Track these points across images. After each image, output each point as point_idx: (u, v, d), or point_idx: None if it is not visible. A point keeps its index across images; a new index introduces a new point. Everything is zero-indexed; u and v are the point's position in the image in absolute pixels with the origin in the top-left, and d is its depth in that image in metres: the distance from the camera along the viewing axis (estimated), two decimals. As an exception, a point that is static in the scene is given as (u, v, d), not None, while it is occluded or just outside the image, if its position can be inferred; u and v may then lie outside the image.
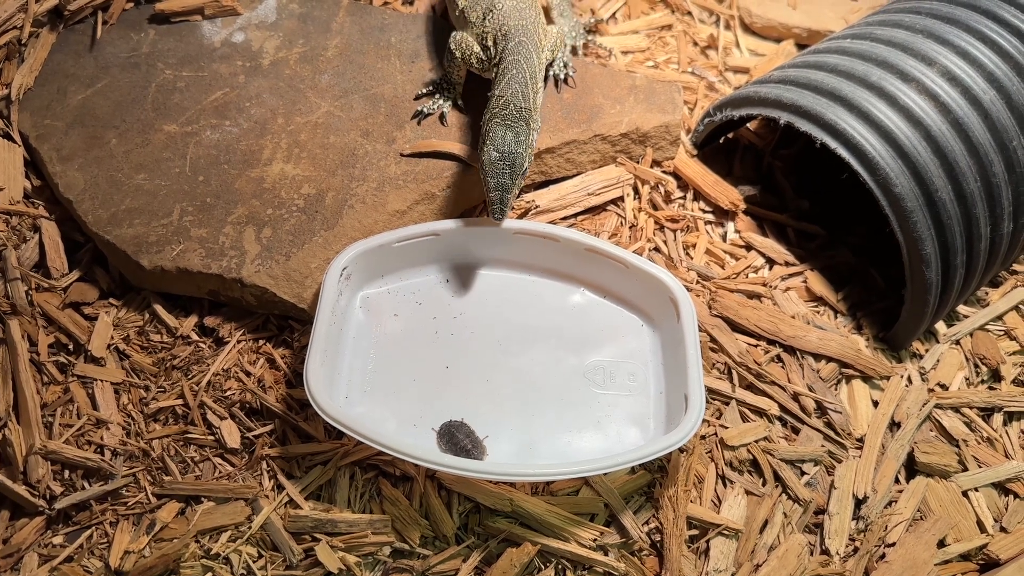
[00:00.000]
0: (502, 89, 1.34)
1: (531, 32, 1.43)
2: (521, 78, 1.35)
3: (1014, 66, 1.40)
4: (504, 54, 1.40)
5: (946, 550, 1.27)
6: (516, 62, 1.37)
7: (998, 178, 1.38)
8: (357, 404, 1.28)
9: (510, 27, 1.43)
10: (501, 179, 1.29)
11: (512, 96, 1.33)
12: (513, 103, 1.32)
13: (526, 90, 1.34)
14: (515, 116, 1.32)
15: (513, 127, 1.31)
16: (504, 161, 1.29)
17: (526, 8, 1.48)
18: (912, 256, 1.37)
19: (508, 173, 1.29)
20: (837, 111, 1.40)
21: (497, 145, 1.30)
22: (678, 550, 1.22)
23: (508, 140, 1.30)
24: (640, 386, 1.33)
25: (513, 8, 1.47)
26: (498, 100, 1.33)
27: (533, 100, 1.35)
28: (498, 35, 1.44)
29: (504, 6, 1.46)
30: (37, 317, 1.38)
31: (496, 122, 1.31)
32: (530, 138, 1.33)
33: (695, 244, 1.54)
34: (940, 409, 1.41)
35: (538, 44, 1.44)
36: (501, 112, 1.32)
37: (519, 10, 1.47)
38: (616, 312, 1.40)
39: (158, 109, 1.53)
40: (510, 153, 1.30)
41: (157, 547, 1.21)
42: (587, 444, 1.27)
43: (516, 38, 1.41)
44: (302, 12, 1.68)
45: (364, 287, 1.38)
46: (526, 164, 1.31)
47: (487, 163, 1.30)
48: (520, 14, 1.46)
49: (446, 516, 1.23)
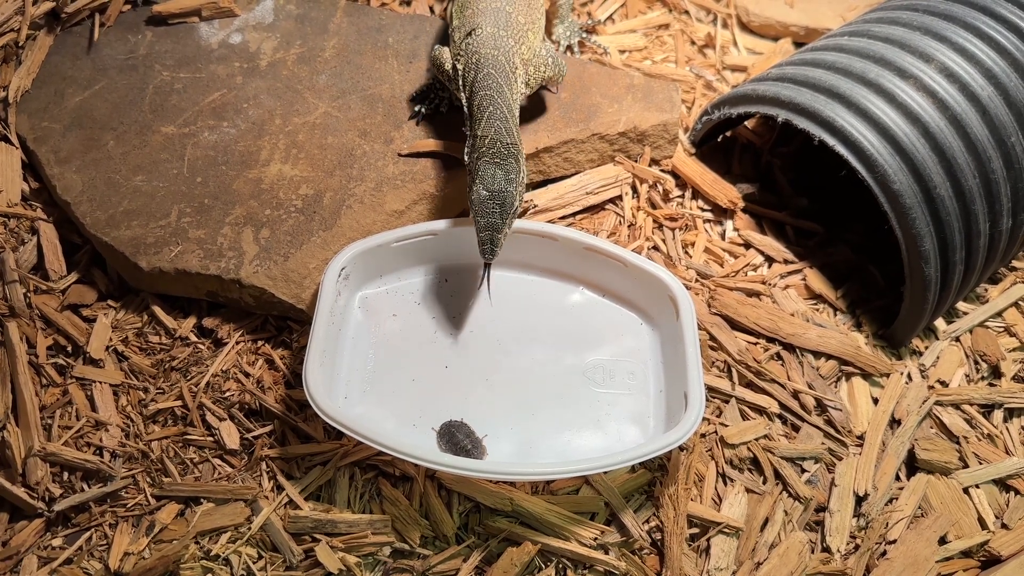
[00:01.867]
0: (484, 128, 1.30)
1: (502, 64, 1.36)
2: (501, 114, 1.30)
3: (1012, 62, 1.40)
4: (475, 86, 1.35)
5: (947, 547, 1.27)
6: (491, 98, 1.32)
7: (996, 174, 1.37)
8: (356, 404, 1.28)
9: (481, 55, 1.37)
10: (491, 219, 1.25)
11: (496, 134, 1.28)
12: (499, 140, 1.28)
13: (508, 125, 1.30)
14: (504, 153, 1.27)
15: (503, 165, 1.27)
16: (494, 200, 1.25)
17: (507, 37, 1.41)
18: (911, 253, 1.37)
19: (498, 212, 1.25)
20: (835, 108, 1.40)
21: (487, 184, 1.25)
22: (679, 548, 1.22)
23: (498, 178, 1.26)
24: (640, 385, 1.33)
25: (491, 36, 1.40)
26: (482, 140, 1.29)
27: (517, 134, 1.31)
28: (469, 61, 1.39)
29: (484, 33, 1.40)
30: (36, 319, 1.38)
31: (485, 161, 1.27)
32: (520, 175, 1.28)
33: (694, 242, 1.54)
34: (940, 406, 1.41)
35: (510, 75, 1.37)
36: (488, 151, 1.27)
37: (496, 39, 1.40)
38: (615, 311, 1.40)
39: (156, 111, 1.53)
40: (500, 192, 1.25)
41: (157, 548, 1.21)
42: (587, 443, 1.27)
43: (485, 68, 1.35)
44: (299, 13, 1.68)
45: (362, 287, 1.38)
46: (517, 203, 1.27)
47: (476, 202, 1.25)
48: (496, 43, 1.39)
49: (446, 516, 1.23)
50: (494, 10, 1.43)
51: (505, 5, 1.44)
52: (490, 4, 1.44)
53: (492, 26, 1.41)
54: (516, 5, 1.46)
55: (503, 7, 1.44)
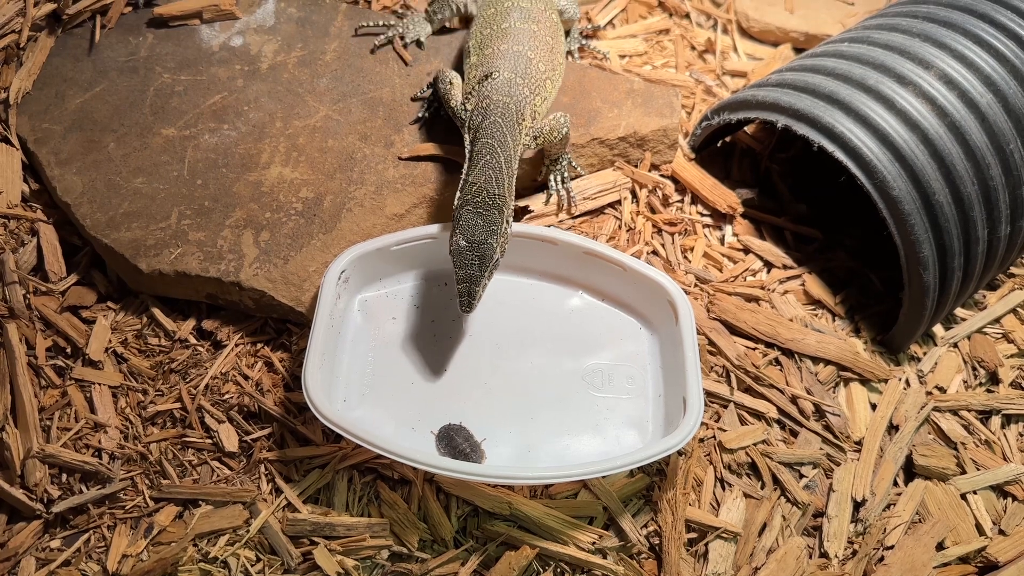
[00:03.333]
0: (475, 175, 1.27)
1: (512, 113, 1.34)
2: (495, 164, 1.28)
3: (1011, 70, 1.40)
4: (479, 132, 1.32)
5: (945, 553, 1.27)
6: (491, 147, 1.29)
7: (995, 181, 1.38)
8: (355, 407, 1.28)
9: (492, 101, 1.34)
10: (469, 270, 1.22)
11: (485, 183, 1.26)
12: (486, 190, 1.25)
13: (500, 176, 1.27)
14: (487, 204, 1.25)
15: (485, 215, 1.24)
16: (473, 252, 1.22)
17: (523, 85, 1.38)
18: (910, 259, 1.37)
19: (477, 264, 1.22)
20: (834, 114, 1.40)
21: (467, 234, 1.23)
22: (677, 553, 1.22)
23: (478, 229, 1.23)
24: (638, 389, 1.33)
25: (506, 82, 1.37)
26: (471, 187, 1.26)
27: (507, 186, 1.28)
28: (479, 105, 1.36)
29: (500, 78, 1.38)
30: (35, 320, 1.38)
31: (468, 209, 1.24)
32: (502, 227, 1.25)
33: (693, 247, 1.55)
34: (938, 412, 1.41)
35: (516, 125, 1.34)
36: (473, 199, 1.25)
37: (512, 85, 1.37)
38: (614, 315, 1.40)
39: (156, 113, 1.53)
40: (480, 243, 1.22)
41: (155, 551, 1.21)
42: (585, 447, 1.27)
43: (493, 116, 1.32)
44: (300, 16, 1.68)
45: (362, 290, 1.38)
46: (497, 255, 1.24)
47: (455, 253, 1.23)
48: (510, 90, 1.36)
49: (444, 519, 1.23)
50: (515, 54, 1.41)
51: (527, 50, 1.42)
52: (512, 47, 1.42)
53: (510, 71, 1.39)
54: (538, 52, 1.44)
55: (524, 52, 1.42)
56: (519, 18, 1.48)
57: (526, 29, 1.46)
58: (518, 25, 1.46)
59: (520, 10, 1.49)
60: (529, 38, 1.45)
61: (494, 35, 1.46)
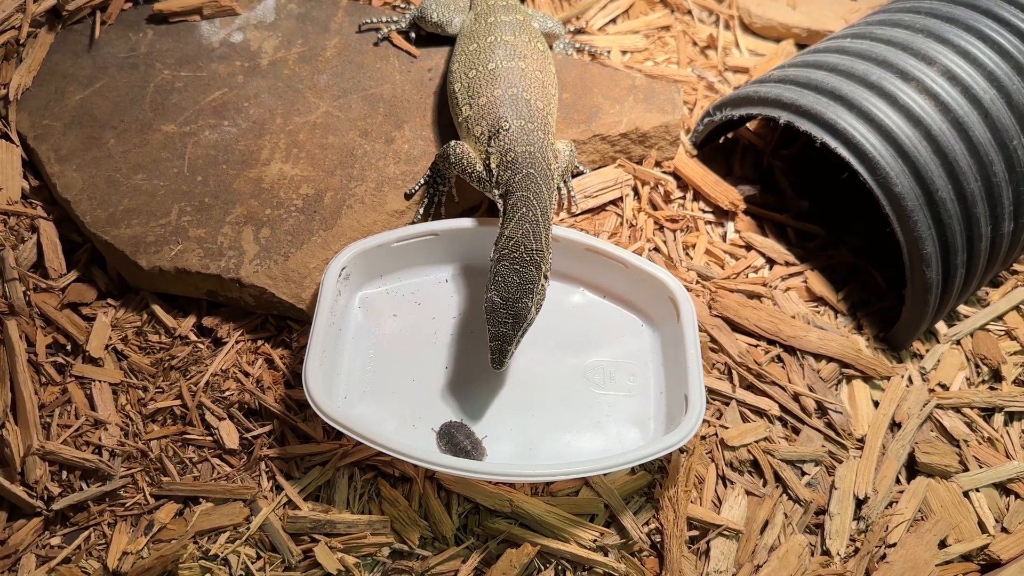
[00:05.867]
0: (512, 229, 1.24)
1: (539, 160, 1.31)
2: (532, 216, 1.24)
3: (1014, 65, 1.40)
4: (512, 187, 1.28)
5: (947, 551, 1.27)
6: (526, 199, 1.26)
7: (998, 177, 1.37)
8: (356, 405, 1.28)
9: (517, 154, 1.31)
10: (502, 328, 1.20)
11: (523, 237, 1.22)
12: (524, 245, 1.22)
13: (537, 229, 1.24)
14: (524, 260, 1.21)
15: (522, 272, 1.21)
16: (508, 310, 1.20)
17: (535, 129, 1.34)
18: (913, 256, 1.37)
19: (511, 323, 1.20)
20: (837, 110, 1.40)
21: (501, 291, 1.20)
22: (678, 551, 1.22)
23: (513, 287, 1.20)
24: (640, 386, 1.32)
25: (520, 131, 1.33)
26: (508, 241, 1.23)
27: (545, 239, 1.25)
28: (504, 160, 1.31)
29: (512, 128, 1.33)
30: (35, 317, 1.38)
31: (504, 264, 1.21)
32: (539, 284, 1.22)
33: (695, 244, 1.54)
34: (941, 409, 1.41)
35: (547, 172, 1.31)
36: (511, 254, 1.21)
37: (527, 132, 1.33)
38: (616, 312, 1.40)
39: (156, 109, 1.53)
40: (515, 301, 1.20)
41: (155, 548, 1.21)
42: (587, 445, 1.27)
43: (524, 169, 1.29)
44: (301, 12, 1.68)
45: (363, 287, 1.38)
46: (532, 314, 1.22)
47: (489, 310, 1.21)
48: (528, 137, 1.32)
49: (445, 517, 1.23)
50: (511, 98, 1.36)
51: (522, 92, 1.37)
52: (505, 91, 1.37)
53: (517, 118, 1.34)
54: (532, 91, 1.38)
55: (520, 94, 1.37)
56: (505, 56, 1.41)
57: (514, 68, 1.39)
58: (505, 65, 1.40)
59: (504, 46, 1.43)
60: (520, 78, 1.39)
61: (482, 79, 1.39)
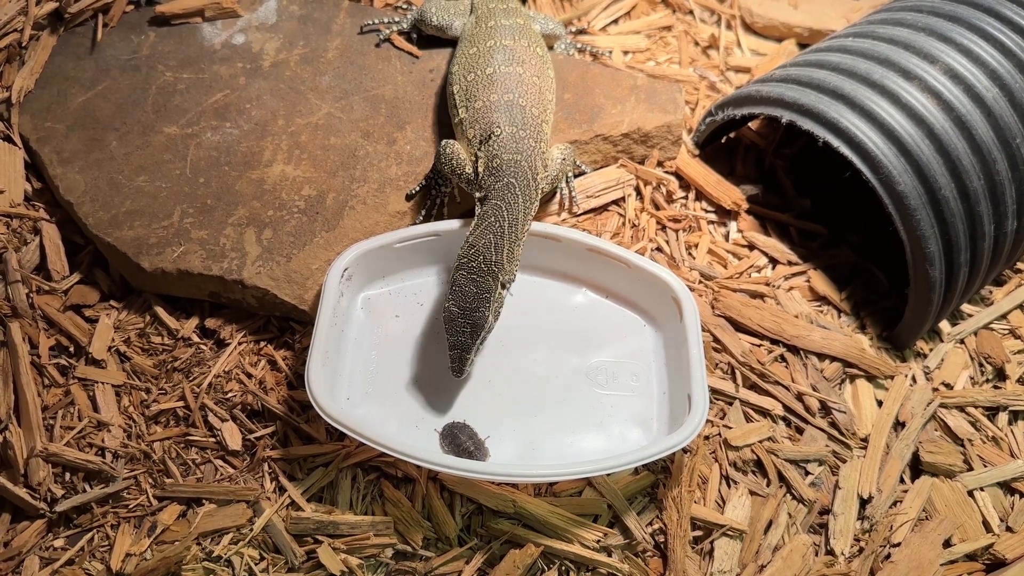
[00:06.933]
0: (475, 237, 1.23)
1: (524, 170, 1.30)
2: (498, 227, 1.24)
3: (1017, 64, 1.39)
4: (490, 193, 1.28)
5: (952, 550, 1.27)
6: (497, 208, 1.25)
7: (1002, 176, 1.37)
8: (359, 406, 1.28)
9: (503, 161, 1.30)
10: (459, 337, 1.21)
11: (484, 247, 1.22)
12: (484, 255, 1.22)
13: (500, 241, 1.23)
14: (482, 270, 1.21)
15: (479, 281, 1.21)
16: (465, 319, 1.20)
17: (526, 137, 1.33)
18: (916, 255, 1.36)
19: (468, 332, 1.20)
20: (839, 109, 1.39)
21: (458, 300, 1.21)
22: (682, 551, 1.21)
23: (470, 296, 1.20)
24: (643, 386, 1.32)
25: (511, 138, 1.32)
26: (469, 249, 1.23)
27: (507, 251, 1.24)
28: (490, 166, 1.31)
29: (503, 134, 1.32)
30: (38, 319, 1.38)
31: (462, 274, 1.21)
32: (494, 294, 1.22)
33: (697, 244, 1.54)
34: (945, 408, 1.40)
35: (529, 183, 1.30)
36: (469, 263, 1.21)
37: (518, 140, 1.32)
38: (618, 312, 1.40)
39: (158, 111, 1.53)
40: (471, 311, 1.20)
41: (158, 549, 1.21)
42: (590, 445, 1.26)
43: (505, 178, 1.28)
44: (302, 14, 1.68)
45: (365, 288, 1.38)
46: (488, 323, 1.22)
47: (447, 319, 1.21)
48: (518, 145, 1.31)
49: (448, 518, 1.23)
50: (507, 104, 1.35)
51: (518, 98, 1.36)
52: (501, 97, 1.36)
53: (510, 125, 1.33)
54: (528, 96, 1.37)
55: (516, 100, 1.36)
56: (503, 61, 1.40)
57: (512, 73, 1.39)
58: (503, 70, 1.39)
59: (503, 50, 1.42)
60: (517, 83, 1.38)
61: (480, 83, 1.39)
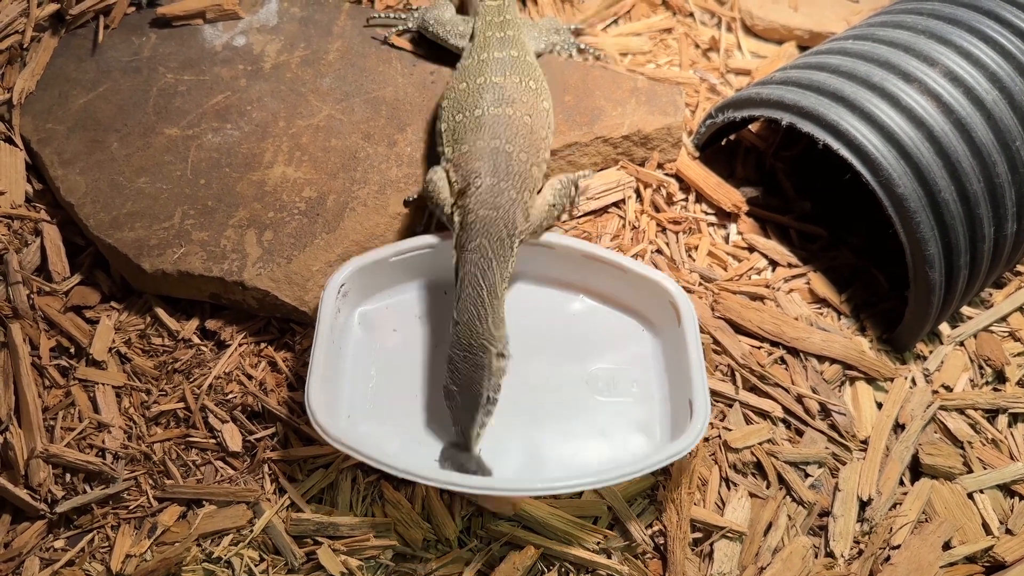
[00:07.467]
0: (459, 313, 1.21)
1: (499, 228, 1.25)
2: (477, 298, 1.21)
3: (1017, 66, 1.39)
4: (463, 256, 1.24)
5: (951, 552, 1.27)
6: (472, 276, 1.22)
7: (1001, 179, 1.37)
8: (360, 423, 1.26)
9: (477, 217, 1.25)
10: (461, 414, 1.19)
11: (468, 322, 1.20)
12: (470, 328, 1.20)
13: (483, 311, 1.20)
14: (473, 346, 1.19)
15: (471, 357, 1.19)
16: (464, 396, 1.19)
17: (508, 189, 1.27)
18: (916, 257, 1.36)
19: (469, 411, 1.19)
20: (839, 112, 1.39)
21: (455, 379, 1.19)
22: (682, 553, 1.22)
23: (465, 374, 1.19)
24: (644, 392, 1.31)
25: (489, 191, 1.26)
26: (456, 327, 1.21)
27: (492, 319, 1.21)
28: (464, 220, 1.26)
29: (483, 186, 1.27)
30: (39, 320, 1.38)
31: (456, 352, 1.20)
32: (491, 367, 1.20)
33: (697, 246, 1.54)
34: (945, 411, 1.40)
35: (504, 241, 1.25)
36: (460, 342, 1.20)
37: (496, 193, 1.26)
38: (616, 318, 1.39)
39: (159, 113, 1.53)
40: (467, 388, 1.18)
41: (158, 551, 1.21)
42: (593, 453, 1.25)
43: (478, 238, 1.23)
44: (303, 16, 1.68)
45: (362, 303, 1.36)
46: (487, 397, 1.19)
47: (447, 395, 1.20)
48: (496, 200, 1.26)
49: (448, 519, 1.23)
50: (492, 151, 1.30)
51: (504, 144, 1.31)
52: (488, 143, 1.31)
53: (491, 175, 1.28)
54: (516, 141, 1.32)
55: (502, 147, 1.31)
56: (492, 101, 1.35)
57: (500, 115, 1.34)
58: (491, 111, 1.34)
59: (493, 89, 1.37)
60: (505, 127, 1.33)
61: (467, 125, 1.34)
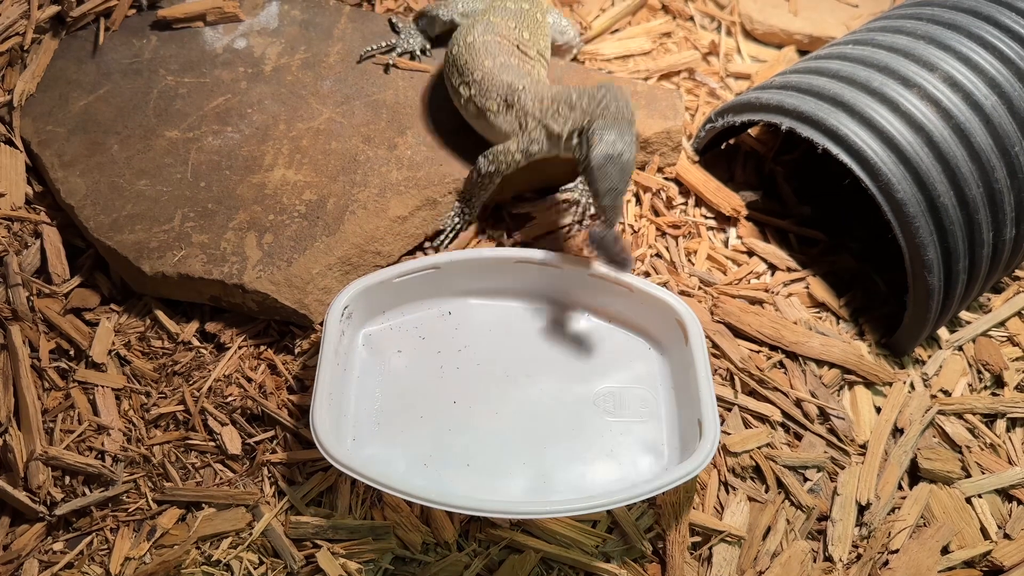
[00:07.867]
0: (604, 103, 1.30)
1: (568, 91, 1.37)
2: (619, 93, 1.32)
3: (1015, 72, 1.40)
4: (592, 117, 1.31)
5: (949, 557, 1.27)
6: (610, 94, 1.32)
7: (1000, 184, 1.37)
8: (366, 445, 1.25)
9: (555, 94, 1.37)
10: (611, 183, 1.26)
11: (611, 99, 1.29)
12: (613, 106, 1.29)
13: None
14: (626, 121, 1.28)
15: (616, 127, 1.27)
16: (613, 164, 1.25)
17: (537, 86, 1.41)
18: (914, 262, 1.37)
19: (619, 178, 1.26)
20: (839, 116, 1.40)
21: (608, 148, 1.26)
22: (681, 557, 1.22)
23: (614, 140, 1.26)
24: (651, 412, 1.30)
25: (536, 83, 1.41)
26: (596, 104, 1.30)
27: None
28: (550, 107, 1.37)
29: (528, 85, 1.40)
30: (38, 323, 1.38)
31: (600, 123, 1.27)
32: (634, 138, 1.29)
33: (697, 250, 1.54)
34: (943, 415, 1.40)
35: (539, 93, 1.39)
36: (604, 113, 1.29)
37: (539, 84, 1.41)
38: (623, 337, 1.37)
39: (160, 115, 1.53)
40: (618, 155, 1.25)
41: (158, 553, 1.21)
42: (602, 475, 1.23)
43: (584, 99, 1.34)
44: (304, 19, 1.68)
45: (366, 324, 1.36)
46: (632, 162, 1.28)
47: (595, 167, 1.26)
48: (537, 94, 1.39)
49: (448, 523, 1.23)
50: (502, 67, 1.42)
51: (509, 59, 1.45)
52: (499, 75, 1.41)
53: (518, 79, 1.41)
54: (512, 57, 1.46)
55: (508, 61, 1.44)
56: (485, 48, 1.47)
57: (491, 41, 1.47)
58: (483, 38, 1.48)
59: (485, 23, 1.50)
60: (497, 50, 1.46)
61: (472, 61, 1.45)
